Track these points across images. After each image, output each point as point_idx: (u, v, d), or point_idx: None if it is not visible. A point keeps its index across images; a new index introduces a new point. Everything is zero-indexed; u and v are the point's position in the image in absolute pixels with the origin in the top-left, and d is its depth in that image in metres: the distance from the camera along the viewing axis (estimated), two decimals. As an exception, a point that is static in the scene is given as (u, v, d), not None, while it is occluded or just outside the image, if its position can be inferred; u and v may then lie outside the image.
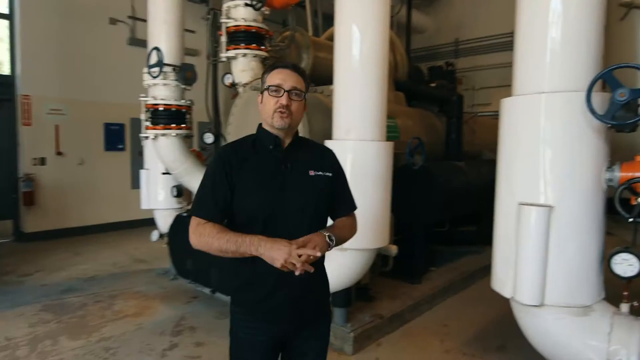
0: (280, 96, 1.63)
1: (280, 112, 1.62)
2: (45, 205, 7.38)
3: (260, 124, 1.76)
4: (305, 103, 1.73)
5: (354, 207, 1.89)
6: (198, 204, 1.68)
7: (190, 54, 8.25)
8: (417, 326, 4.05)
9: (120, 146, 8.31)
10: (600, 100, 2.14)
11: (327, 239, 1.63)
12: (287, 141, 1.72)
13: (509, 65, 8.88)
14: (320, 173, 1.73)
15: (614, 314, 2.18)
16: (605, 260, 2.24)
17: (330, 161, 1.82)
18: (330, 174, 1.76)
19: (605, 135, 2.23)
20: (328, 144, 3.39)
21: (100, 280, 5.37)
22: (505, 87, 10.22)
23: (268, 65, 1.90)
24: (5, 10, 7.06)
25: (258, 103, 1.74)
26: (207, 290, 4.77)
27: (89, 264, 6.05)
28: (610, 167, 2.23)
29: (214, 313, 4.30)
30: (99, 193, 8.00)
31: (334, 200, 1.80)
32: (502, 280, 2.43)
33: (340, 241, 1.73)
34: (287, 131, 1.68)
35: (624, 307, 2.20)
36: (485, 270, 5.48)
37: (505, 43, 10.07)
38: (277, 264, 1.49)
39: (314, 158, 1.78)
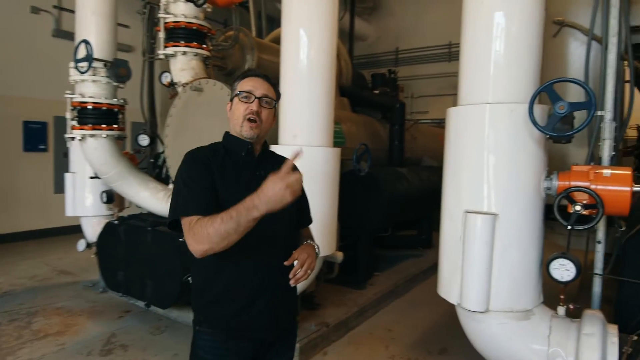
0: (251, 102, 1.60)
1: (249, 120, 1.59)
2: (-49, 212, 6.55)
3: (227, 132, 1.70)
4: (275, 113, 1.71)
5: (311, 221, 1.94)
6: (184, 205, 1.51)
7: (124, 49, 7.76)
8: (362, 332, 4.04)
9: (42, 147, 7.58)
10: (539, 112, 2.22)
11: (316, 249, 1.69)
12: (258, 148, 1.69)
13: (445, 75, 9.29)
14: None
15: (552, 317, 2.28)
16: (544, 265, 2.33)
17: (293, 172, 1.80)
18: None
19: (544, 145, 2.33)
20: (274, 149, 3.29)
21: (16, 295, 4.82)
22: (442, 96, 10.68)
23: (239, 73, 1.84)
24: None
25: (227, 110, 1.70)
26: (141, 304, 4.44)
27: (2, 277, 5.42)
28: (548, 176, 2.33)
29: (149, 328, 4.00)
30: (16, 198, 7.23)
31: (298, 212, 1.80)
32: (449, 287, 2.46)
33: None
34: (256, 140, 1.65)
35: (561, 309, 2.30)
36: (426, 273, 5.67)
37: (442, 54, 10.55)
38: (289, 197, 1.33)
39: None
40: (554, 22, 3.29)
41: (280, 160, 1.78)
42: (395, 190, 4.88)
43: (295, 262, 1.56)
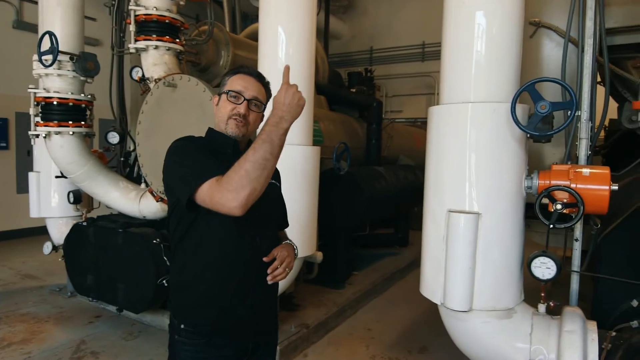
0: (239, 104, 1.52)
1: (235, 119, 1.51)
2: None
3: (210, 128, 1.62)
4: (263, 116, 1.61)
5: (288, 224, 1.92)
6: (200, 173, 1.35)
7: (91, 43, 7.46)
8: (342, 333, 4.01)
9: (3, 144, 7.19)
10: (520, 111, 2.23)
11: (295, 250, 1.69)
12: (243, 147, 1.60)
13: (419, 75, 9.39)
14: (274, 181, 1.68)
15: (533, 315, 2.30)
16: (525, 263, 2.35)
17: (278, 173, 1.76)
18: (278, 184, 1.76)
19: (525, 144, 2.35)
20: (253, 147, 3.21)
21: (-24, 302, 4.55)
22: (416, 95, 10.79)
23: (232, 67, 1.77)
24: None
25: (213, 104, 1.62)
26: (112, 308, 4.26)
27: (-40, 282, 5.13)
28: (529, 175, 2.35)
29: (121, 334, 3.85)
30: (-26, 198, 6.85)
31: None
32: (432, 287, 2.45)
33: None
34: (241, 139, 1.57)
35: (542, 307, 2.33)
36: (404, 271, 5.70)
37: (416, 54, 10.65)
38: (303, 100, 1.37)
39: None
40: (531, 23, 3.34)
41: None
42: (373, 190, 4.88)
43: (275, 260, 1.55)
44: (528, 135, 2.30)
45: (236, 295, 1.54)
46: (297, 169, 3.21)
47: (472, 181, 2.30)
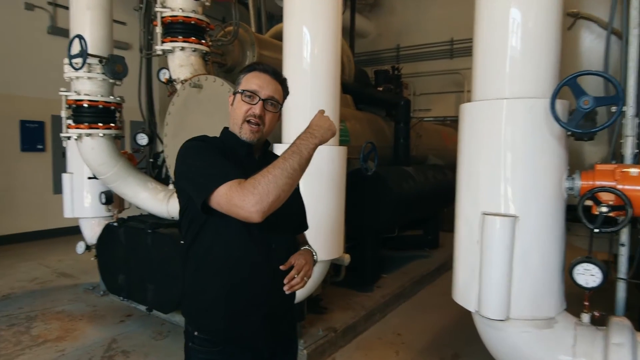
0: (254, 104, 1.45)
1: (249, 122, 1.45)
2: (-52, 214, 6.44)
3: (226, 128, 1.56)
4: (280, 115, 1.57)
5: (307, 227, 1.84)
6: (217, 174, 1.29)
7: (121, 47, 7.63)
8: (371, 337, 3.92)
9: (40, 146, 7.46)
10: (560, 108, 2.09)
11: (314, 256, 1.63)
12: (258, 150, 1.56)
13: (448, 73, 9.15)
14: None
15: (576, 325, 2.16)
16: (567, 270, 2.21)
17: None
18: (297, 186, 1.61)
19: (565, 142, 2.20)
20: (278, 148, 3.17)
21: (15, 299, 4.71)
22: (445, 93, 10.54)
23: (247, 65, 1.72)
24: None
25: (228, 104, 1.55)
26: (142, 308, 4.32)
27: (2, 280, 5.34)
28: (570, 175, 2.21)
29: (151, 333, 3.89)
30: (14, 199, 7.12)
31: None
32: (465, 294, 2.33)
33: None
34: (256, 143, 1.53)
35: (585, 317, 2.18)
36: (434, 274, 5.55)
37: (444, 51, 10.40)
38: (334, 127, 1.44)
39: None
40: (568, 15, 3.16)
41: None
42: (402, 190, 4.76)
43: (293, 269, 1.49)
44: (569, 133, 2.16)
45: (249, 303, 1.47)
46: (324, 169, 3.14)
47: (508, 182, 2.17)
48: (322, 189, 3.14)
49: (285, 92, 1.57)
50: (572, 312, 2.28)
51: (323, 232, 3.14)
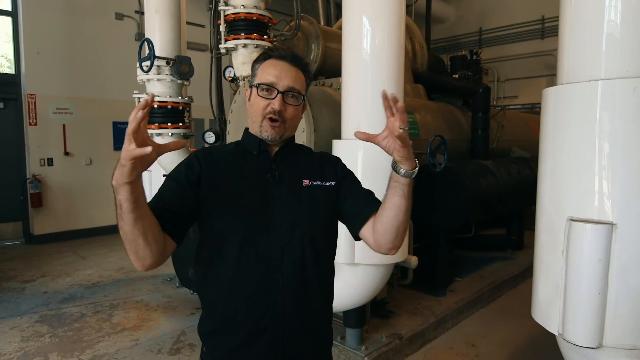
0: (273, 98, 1.27)
1: (270, 119, 1.27)
2: (53, 207, 7.23)
3: (246, 129, 1.40)
4: (305, 104, 1.37)
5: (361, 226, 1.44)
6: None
7: (200, 49, 7.95)
8: (441, 346, 3.62)
9: (127, 146, 8.08)
10: (675, 87, 1.66)
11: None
12: (277, 146, 1.37)
13: (537, 55, 8.24)
14: (318, 183, 1.38)
15: (694, 360, 1.72)
16: (682, 290, 1.77)
17: (332, 168, 1.44)
18: (332, 183, 1.40)
19: (682, 132, 1.75)
20: (336, 143, 3.01)
21: (103, 287, 5.12)
22: (534, 77, 9.56)
23: (261, 52, 1.51)
24: (8, 7, 6.86)
25: (245, 100, 1.37)
26: (210, 302, 4.44)
27: (94, 268, 5.83)
28: (688, 172, 1.75)
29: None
30: (107, 194, 7.72)
31: (350, 208, 1.42)
32: (546, 313, 1.98)
33: (408, 202, 1.34)
34: (278, 141, 1.35)
35: None
36: (516, 279, 5.03)
37: (534, 31, 9.45)
38: (126, 162, 1.00)
39: (311, 166, 1.42)
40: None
41: (308, 153, 1.48)
42: (478, 187, 4.33)
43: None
44: (688, 119, 1.71)
45: (251, 330, 1.29)
46: (385, 166, 2.90)
47: (603, 180, 1.78)
48: (383, 186, 2.90)
49: (308, 78, 1.36)
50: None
51: (384, 234, 2.92)
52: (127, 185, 1.01)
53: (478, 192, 4.29)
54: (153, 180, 4.96)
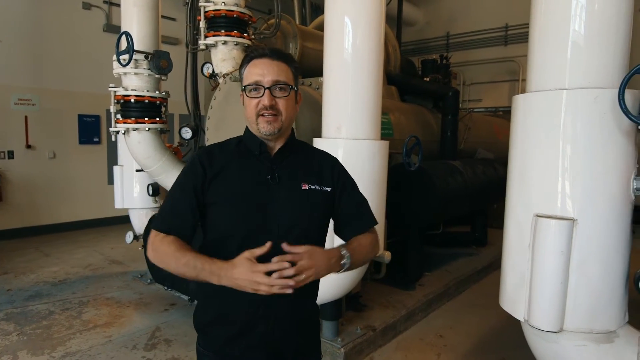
0: (261, 96, 1.33)
1: (263, 115, 1.33)
2: (14, 202, 6.93)
3: (247, 127, 1.47)
4: (297, 94, 1.43)
5: (373, 222, 1.56)
6: (160, 215, 1.41)
7: (171, 42, 7.84)
8: (412, 337, 3.79)
9: (96, 139, 7.86)
10: (630, 99, 1.86)
11: (341, 258, 1.34)
12: (278, 146, 1.43)
13: (501, 60, 8.63)
14: (316, 187, 1.43)
15: (641, 341, 1.93)
16: (631, 279, 1.98)
17: (330, 172, 1.49)
18: (329, 189, 1.46)
19: (634, 138, 1.96)
20: (316, 142, 3.09)
21: (70, 284, 4.99)
22: (498, 82, 9.98)
23: (245, 55, 1.57)
24: (-32, -8, 6.53)
25: (240, 103, 1.45)
26: (185, 297, 4.44)
27: (59, 265, 5.66)
28: (639, 174, 1.97)
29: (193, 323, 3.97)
30: (72, 189, 7.56)
31: (340, 217, 1.50)
32: (514, 301, 2.16)
33: (355, 264, 1.40)
34: (277, 135, 1.39)
35: (653, 332, 1.94)
36: (480, 273, 5.30)
37: (498, 37, 9.88)
38: (249, 289, 1.20)
39: (310, 169, 1.47)
40: (641, -7, 2.82)
41: (309, 153, 1.53)
42: (448, 186, 4.55)
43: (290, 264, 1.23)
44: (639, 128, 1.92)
45: (244, 324, 1.37)
46: (365, 164, 3.03)
47: (566, 181, 1.97)
48: (361, 185, 3.01)
49: (294, 67, 1.41)
50: (635, 324, 2.05)
51: (362, 229, 3.04)
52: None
53: (447, 191, 4.50)
54: (125, 174, 4.90)
